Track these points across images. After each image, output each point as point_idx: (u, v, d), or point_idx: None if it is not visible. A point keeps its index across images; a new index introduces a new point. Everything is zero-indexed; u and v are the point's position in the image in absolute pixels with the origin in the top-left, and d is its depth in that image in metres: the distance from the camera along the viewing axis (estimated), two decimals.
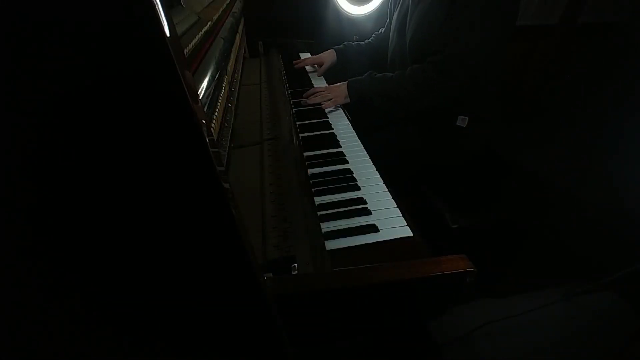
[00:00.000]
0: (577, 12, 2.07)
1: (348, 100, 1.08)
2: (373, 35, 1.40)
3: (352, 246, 0.59)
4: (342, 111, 1.09)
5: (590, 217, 1.52)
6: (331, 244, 0.59)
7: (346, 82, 1.09)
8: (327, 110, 1.07)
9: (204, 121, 0.27)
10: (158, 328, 0.37)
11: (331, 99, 1.08)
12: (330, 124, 1.00)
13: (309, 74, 1.38)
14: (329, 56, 1.36)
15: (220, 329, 0.40)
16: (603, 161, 1.87)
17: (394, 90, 1.01)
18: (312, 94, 1.11)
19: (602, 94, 2.31)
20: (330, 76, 1.36)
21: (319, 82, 1.31)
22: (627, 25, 2.17)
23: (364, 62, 1.37)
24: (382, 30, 1.37)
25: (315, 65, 1.39)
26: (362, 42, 1.39)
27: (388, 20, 1.30)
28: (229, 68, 0.83)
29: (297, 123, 0.98)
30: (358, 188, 0.73)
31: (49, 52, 0.20)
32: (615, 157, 1.88)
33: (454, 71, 0.93)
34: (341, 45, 1.38)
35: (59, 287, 0.30)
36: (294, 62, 1.40)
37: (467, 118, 1.03)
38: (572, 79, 2.34)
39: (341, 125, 1.00)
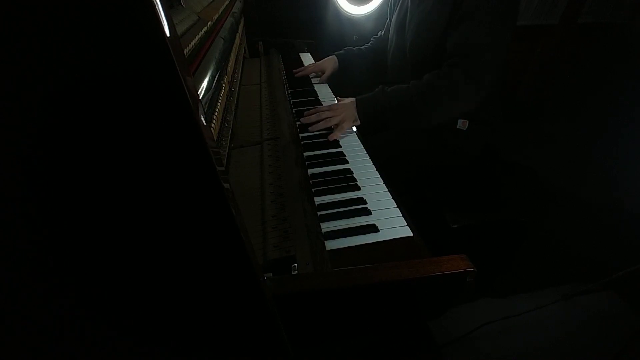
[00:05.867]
0: (577, 12, 2.07)
1: (358, 122, 0.96)
2: (372, 38, 1.38)
3: (352, 246, 0.59)
4: None
5: (590, 217, 1.52)
6: (331, 244, 0.59)
7: (354, 100, 0.98)
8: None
9: (203, 121, 0.27)
10: (158, 328, 0.37)
11: (337, 123, 0.94)
12: None
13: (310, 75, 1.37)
14: (330, 63, 1.31)
15: (220, 329, 0.40)
16: (603, 161, 1.86)
17: (414, 102, 0.92)
18: (315, 115, 0.97)
19: (602, 94, 2.31)
20: (332, 81, 1.34)
21: (320, 83, 1.31)
22: (627, 25, 2.17)
23: (367, 65, 1.35)
24: (382, 32, 1.35)
25: (319, 73, 1.33)
26: (362, 47, 1.36)
27: (388, 20, 1.30)
28: (229, 68, 0.83)
29: (297, 123, 0.98)
30: (358, 188, 0.73)
31: (48, 52, 0.20)
32: (615, 157, 1.88)
33: (483, 74, 0.88)
34: (342, 51, 1.34)
35: (60, 287, 0.30)
36: (294, 70, 1.32)
37: (467, 121, 1.03)
38: (572, 78, 2.34)
39: None
